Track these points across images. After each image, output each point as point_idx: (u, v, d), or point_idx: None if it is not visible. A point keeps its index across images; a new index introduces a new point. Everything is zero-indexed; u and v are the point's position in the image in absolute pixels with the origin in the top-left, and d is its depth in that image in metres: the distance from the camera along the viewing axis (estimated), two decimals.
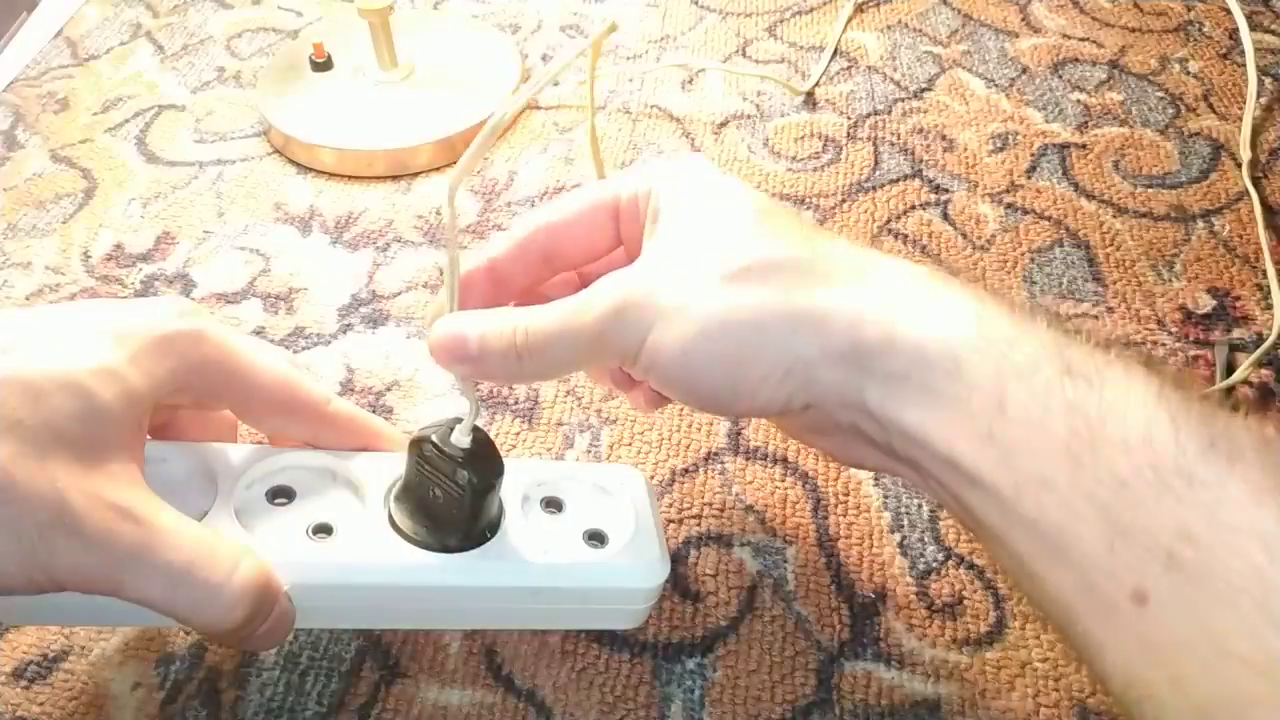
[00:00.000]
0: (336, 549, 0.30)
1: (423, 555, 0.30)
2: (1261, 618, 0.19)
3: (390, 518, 0.31)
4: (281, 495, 0.31)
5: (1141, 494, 0.21)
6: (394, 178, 0.56)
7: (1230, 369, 0.44)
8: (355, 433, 0.33)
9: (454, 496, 0.30)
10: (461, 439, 0.30)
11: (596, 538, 0.33)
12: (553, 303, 0.29)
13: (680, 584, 0.37)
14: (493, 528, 0.31)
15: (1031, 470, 0.23)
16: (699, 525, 0.39)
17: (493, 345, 0.29)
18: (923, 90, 0.61)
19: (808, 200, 0.54)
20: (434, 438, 0.30)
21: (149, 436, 0.31)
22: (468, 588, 0.31)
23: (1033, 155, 0.56)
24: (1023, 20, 0.67)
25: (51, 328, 0.27)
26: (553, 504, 0.34)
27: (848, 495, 0.40)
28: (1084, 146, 0.57)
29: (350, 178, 0.56)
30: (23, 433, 0.24)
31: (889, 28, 0.67)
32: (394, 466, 0.32)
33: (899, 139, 0.57)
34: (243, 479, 0.31)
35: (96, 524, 0.24)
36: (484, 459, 0.30)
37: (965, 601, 0.36)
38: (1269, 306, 0.47)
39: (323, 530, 0.31)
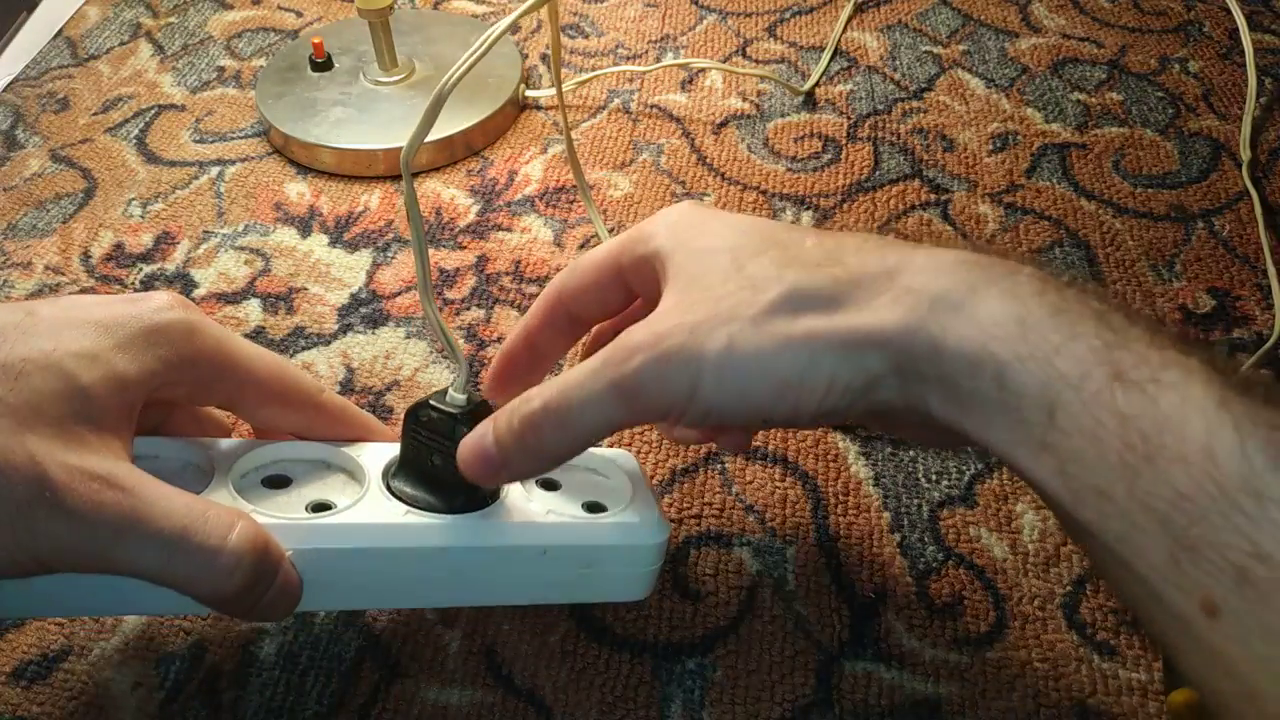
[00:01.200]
0: (335, 516, 0.30)
1: (427, 517, 0.30)
2: None
3: (391, 492, 0.31)
4: (277, 484, 0.31)
5: (1205, 509, 0.20)
6: (394, 177, 0.56)
7: None
8: (348, 423, 0.33)
9: (454, 457, 0.30)
10: (457, 397, 0.30)
11: (595, 509, 0.33)
12: (567, 372, 0.28)
13: (680, 584, 0.37)
14: (494, 494, 0.32)
15: (1088, 481, 0.22)
16: (699, 525, 0.39)
17: (506, 432, 0.28)
18: (923, 90, 0.61)
19: (807, 200, 0.54)
20: (430, 401, 0.30)
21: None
22: (475, 548, 0.30)
23: (1033, 155, 0.56)
24: (1023, 20, 0.67)
25: (36, 319, 0.27)
26: (549, 485, 0.34)
27: (848, 495, 0.40)
28: (1084, 146, 0.57)
29: (350, 177, 0.56)
30: (0, 410, 0.24)
31: (889, 27, 0.67)
32: (389, 454, 0.32)
33: (899, 139, 0.57)
34: (236, 467, 0.31)
35: (80, 496, 0.24)
36: (481, 414, 0.30)
37: (965, 602, 0.36)
38: (1269, 306, 0.47)
39: (322, 508, 0.30)
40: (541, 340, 0.33)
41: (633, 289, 0.31)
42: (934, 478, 0.40)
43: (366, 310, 0.48)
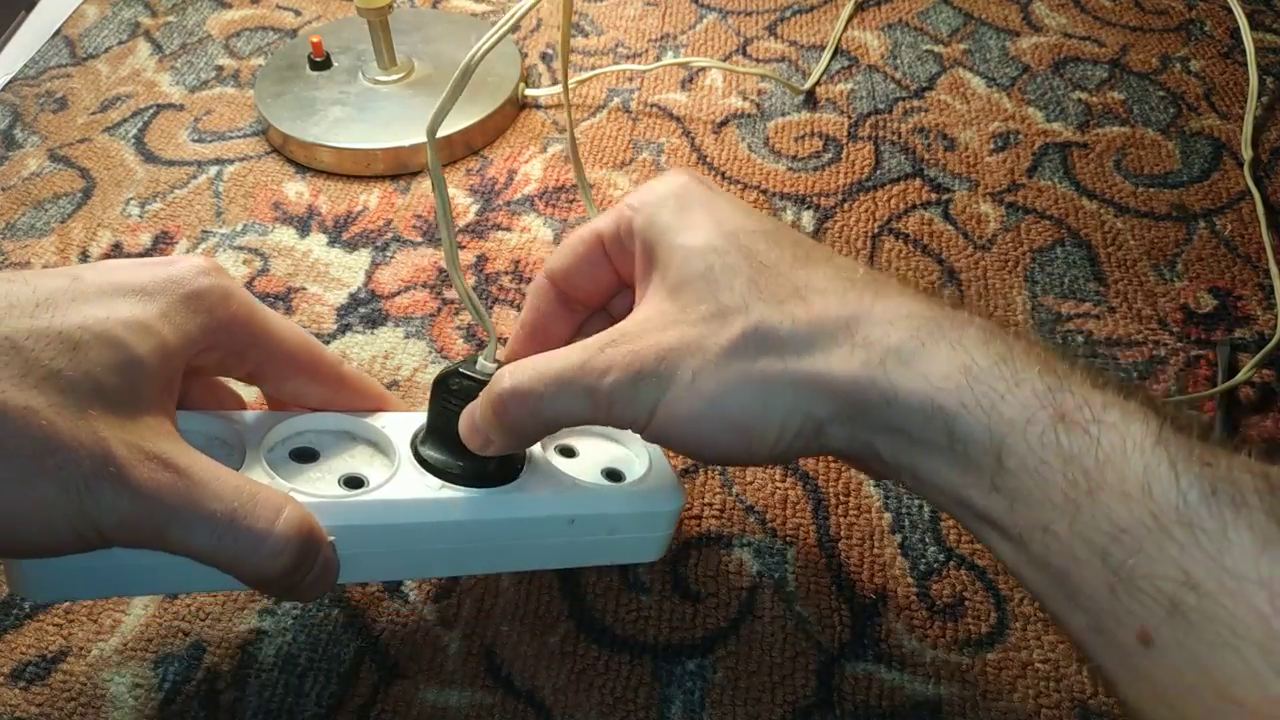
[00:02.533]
0: (374, 493, 0.30)
1: (462, 492, 0.31)
2: (1266, 666, 0.19)
3: (421, 463, 0.31)
4: (305, 457, 0.31)
5: (1141, 540, 0.21)
6: (392, 177, 0.56)
7: (1233, 369, 0.44)
8: (368, 395, 0.34)
9: None
10: (487, 366, 0.30)
11: (613, 475, 0.34)
12: (550, 355, 0.29)
13: (680, 585, 0.37)
14: (520, 461, 0.32)
15: (1034, 518, 0.23)
16: (699, 526, 0.39)
17: (482, 408, 0.29)
18: (924, 89, 0.61)
19: (808, 199, 0.53)
20: (460, 368, 0.30)
21: None
22: (507, 520, 0.31)
23: (1034, 154, 0.56)
24: (1024, 19, 0.67)
25: (83, 284, 0.27)
26: (566, 451, 0.35)
27: (848, 496, 0.40)
28: (1085, 146, 0.57)
29: (349, 177, 0.56)
30: (61, 383, 0.24)
31: (890, 26, 0.66)
32: (411, 422, 0.33)
33: (900, 138, 0.57)
34: (264, 442, 0.31)
35: (141, 474, 0.24)
36: None
37: (966, 603, 0.36)
38: (1271, 306, 0.47)
39: (354, 483, 0.31)
40: (542, 328, 0.34)
41: (617, 271, 0.32)
42: None
43: (365, 310, 0.48)
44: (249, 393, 0.38)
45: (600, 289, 0.33)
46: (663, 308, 0.28)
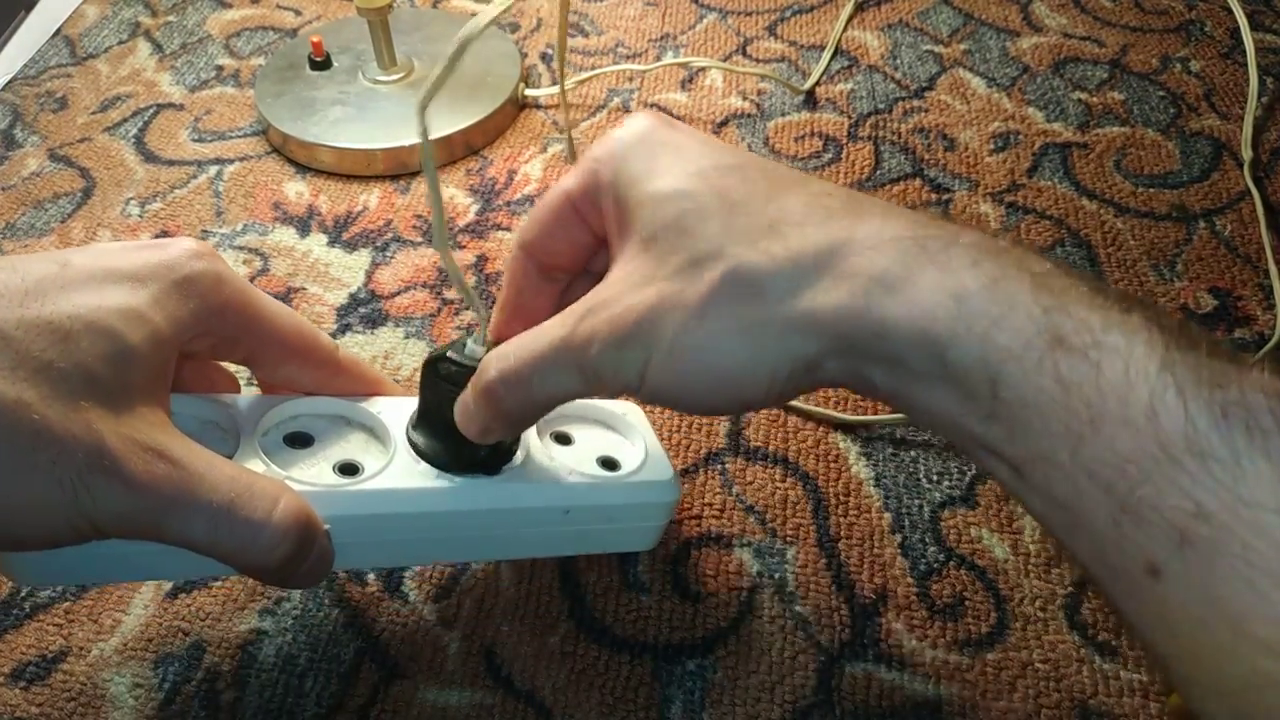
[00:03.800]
0: (370, 482, 0.30)
1: (458, 481, 0.30)
2: None
3: (414, 449, 0.31)
4: (299, 442, 0.31)
5: (1149, 471, 0.20)
6: (392, 177, 0.56)
7: None
8: (363, 380, 0.33)
9: None
10: (476, 350, 0.30)
11: (609, 464, 0.34)
12: (531, 335, 0.28)
13: (680, 585, 0.37)
14: (514, 446, 0.32)
15: (1034, 448, 0.22)
16: (699, 526, 0.39)
17: (472, 397, 0.29)
18: (924, 89, 0.61)
19: None
20: (449, 353, 0.30)
21: None
22: (504, 510, 0.31)
23: (1034, 154, 0.56)
24: (1024, 19, 0.67)
25: (73, 270, 0.26)
26: (561, 439, 0.35)
27: (848, 496, 0.40)
28: (1085, 146, 0.57)
29: (349, 177, 0.56)
30: (53, 375, 0.24)
31: (890, 26, 0.66)
32: (405, 407, 0.33)
33: (900, 138, 0.57)
34: (258, 426, 0.30)
35: (135, 466, 0.24)
36: None
37: (966, 602, 0.36)
38: (1271, 307, 0.47)
39: (349, 470, 0.30)
40: (524, 304, 0.32)
41: (592, 230, 0.31)
42: (935, 478, 0.40)
43: (365, 310, 0.48)
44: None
45: (577, 251, 0.31)
46: (638, 262, 0.27)
